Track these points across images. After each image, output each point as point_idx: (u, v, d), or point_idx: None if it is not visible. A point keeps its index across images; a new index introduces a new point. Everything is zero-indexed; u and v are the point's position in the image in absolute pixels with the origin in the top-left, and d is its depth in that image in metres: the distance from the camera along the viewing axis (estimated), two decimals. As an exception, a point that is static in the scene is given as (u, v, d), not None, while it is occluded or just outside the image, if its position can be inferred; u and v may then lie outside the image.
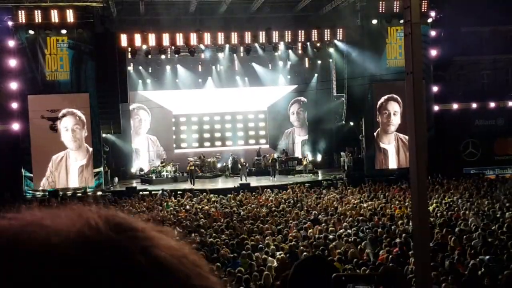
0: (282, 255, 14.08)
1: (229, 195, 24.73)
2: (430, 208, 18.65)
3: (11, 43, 27.50)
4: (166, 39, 28.74)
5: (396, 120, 29.98)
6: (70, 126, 27.86)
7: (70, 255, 0.77)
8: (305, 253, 14.01)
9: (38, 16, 27.24)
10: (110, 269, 0.77)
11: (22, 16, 27.19)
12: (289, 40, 30.33)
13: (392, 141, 30.09)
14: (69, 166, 27.85)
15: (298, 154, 35.42)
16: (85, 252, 0.78)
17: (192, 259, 0.86)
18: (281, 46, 31.45)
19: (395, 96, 29.54)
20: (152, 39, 28.62)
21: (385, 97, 30.00)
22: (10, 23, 27.40)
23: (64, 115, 27.76)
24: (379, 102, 30.17)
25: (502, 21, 32.95)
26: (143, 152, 34.66)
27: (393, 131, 30.02)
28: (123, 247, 0.80)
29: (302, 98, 36.07)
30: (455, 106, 31.86)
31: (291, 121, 36.65)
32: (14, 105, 27.62)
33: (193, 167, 30.32)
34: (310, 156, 34.03)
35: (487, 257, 12.73)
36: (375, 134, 30.15)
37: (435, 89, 30.51)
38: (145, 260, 0.79)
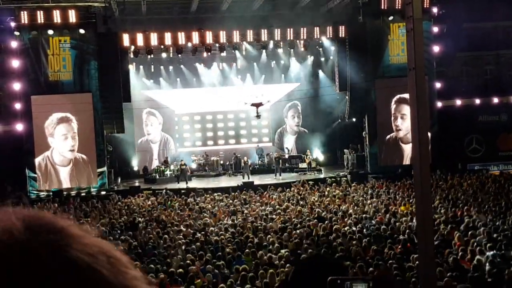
0: (287, 253, 14.08)
1: (233, 194, 24.73)
2: (434, 204, 18.63)
3: (14, 44, 27.53)
4: (168, 38, 28.74)
5: (405, 124, 29.44)
6: (70, 134, 27.90)
7: None
8: (310, 250, 14.03)
9: (40, 17, 27.28)
10: (17, 272, 0.78)
11: (24, 17, 27.21)
12: (291, 38, 30.29)
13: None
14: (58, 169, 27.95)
15: (292, 151, 35.42)
16: None
17: (109, 255, 0.86)
18: (283, 43, 31.44)
19: (403, 96, 28.95)
20: (154, 38, 28.63)
21: (395, 98, 29.79)
22: (12, 24, 27.43)
23: (60, 121, 27.79)
24: (392, 107, 30.01)
25: (504, 16, 32.85)
26: (150, 151, 34.72)
27: (403, 135, 29.66)
28: (33, 249, 0.80)
29: (295, 102, 36.01)
30: (458, 102, 31.78)
31: (287, 124, 36.53)
32: (18, 106, 27.67)
33: (184, 166, 30.31)
34: (312, 154, 33.92)
35: (492, 252, 12.71)
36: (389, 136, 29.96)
37: (438, 85, 30.43)
38: (54, 262, 0.80)
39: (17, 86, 27.55)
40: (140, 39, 28.54)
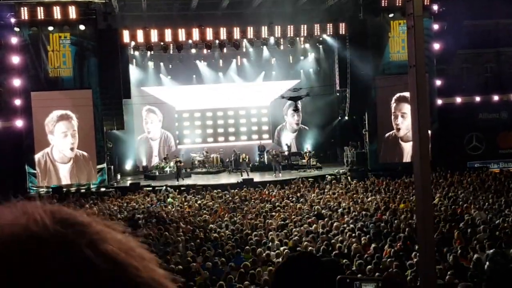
0: (286, 250, 14.08)
1: (233, 191, 24.72)
2: (434, 202, 18.61)
3: (14, 40, 27.49)
4: (168, 35, 28.70)
5: (405, 123, 29.37)
6: (70, 132, 27.89)
7: (16, 250, 0.76)
8: (310, 248, 14.03)
9: (40, 13, 27.24)
10: (58, 263, 0.76)
11: (24, 13, 27.18)
12: (292, 35, 30.25)
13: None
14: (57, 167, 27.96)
15: (292, 147, 35.36)
16: (31, 246, 0.77)
17: (139, 252, 0.86)
18: (284, 40, 31.40)
19: (403, 95, 28.96)
20: (154, 35, 28.59)
21: (395, 97, 29.77)
22: (12, 20, 27.39)
23: (60, 119, 27.78)
24: (392, 105, 29.99)
25: (505, 14, 32.80)
26: (149, 148, 34.71)
27: (403, 134, 29.66)
28: (70, 241, 0.79)
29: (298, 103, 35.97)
30: (458, 99, 31.75)
31: (287, 122, 36.46)
32: (18, 102, 27.64)
33: (179, 164, 30.22)
34: (312, 151, 33.84)
35: (492, 250, 12.70)
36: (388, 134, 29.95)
37: (438, 82, 30.41)
38: (93, 254, 0.79)
39: (17, 82, 27.51)
40: (140, 35, 28.52)
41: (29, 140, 27.60)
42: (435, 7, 29.94)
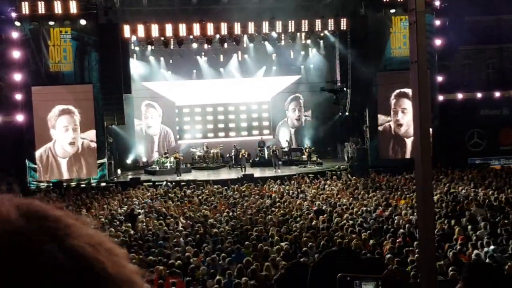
0: (286, 245, 14.07)
1: (233, 186, 24.70)
2: (435, 198, 18.58)
3: (15, 35, 27.44)
4: (169, 29, 28.64)
5: (406, 119, 29.35)
6: (72, 127, 27.87)
7: None
8: (310, 243, 14.01)
9: (41, 7, 27.20)
10: (18, 258, 0.75)
11: (25, 8, 27.14)
12: (293, 30, 30.18)
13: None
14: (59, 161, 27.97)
15: (293, 143, 35.38)
16: None
17: (108, 247, 0.84)
18: (285, 36, 31.33)
19: (403, 91, 28.98)
20: (155, 30, 28.53)
21: (395, 93, 29.72)
22: (13, 14, 27.34)
23: (62, 113, 27.77)
24: (391, 101, 29.94)
25: (507, 10, 32.72)
26: (149, 143, 34.71)
27: (404, 131, 29.66)
28: (33, 235, 0.77)
29: (298, 95, 35.91)
30: (460, 95, 31.69)
31: (288, 117, 36.45)
32: (18, 97, 27.62)
33: (178, 159, 30.18)
34: (313, 146, 33.79)
35: (492, 247, 12.69)
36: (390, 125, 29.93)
37: (439, 78, 30.33)
38: (57, 249, 0.77)
39: (17, 77, 27.48)
40: (141, 30, 28.45)
41: (30, 135, 27.59)
42: (437, 3, 29.86)
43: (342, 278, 2.22)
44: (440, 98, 30.41)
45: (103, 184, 27.50)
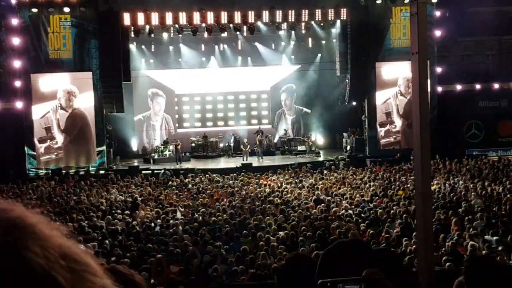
0: (283, 234, 14.15)
1: (231, 175, 24.76)
2: (432, 189, 18.65)
3: (14, 21, 27.37)
4: (169, 18, 28.59)
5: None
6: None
7: None
8: (308, 233, 14.10)
9: (41, -6, 27.13)
10: None
11: (25, -6, 27.07)
12: (293, 20, 30.13)
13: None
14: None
15: (289, 132, 35.47)
16: None
17: (75, 260, 0.81)
18: (285, 25, 31.30)
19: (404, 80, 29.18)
20: (155, 18, 28.49)
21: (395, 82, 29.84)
22: (13, 1, 27.25)
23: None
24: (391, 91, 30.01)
25: (507, 1, 32.66)
26: (150, 130, 34.74)
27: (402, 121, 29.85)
28: None
29: (290, 85, 35.90)
30: (458, 87, 31.69)
31: (282, 107, 36.55)
32: (18, 84, 27.59)
33: (179, 147, 30.25)
34: (312, 136, 33.89)
35: (488, 237, 12.78)
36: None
37: (438, 69, 30.33)
38: (5, 263, 0.75)
39: (17, 63, 27.45)
40: (141, 18, 28.40)
41: (29, 122, 27.59)
42: (438, -6, 29.80)
43: (322, 284, 2.25)
44: (439, 89, 30.44)
45: (102, 171, 27.55)
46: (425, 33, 6.76)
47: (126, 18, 28.25)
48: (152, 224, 16.23)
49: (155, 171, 26.82)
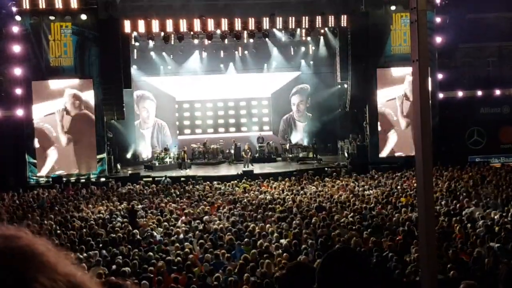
0: (286, 242, 14.07)
1: (232, 182, 24.70)
2: (434, 196, 18.57)
3: (15, 29, 27.39)
4: (169, 25, 28.60)
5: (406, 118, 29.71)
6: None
7: None
8: (310, 241, 14.01)
9: (42, 2, 27.16)
10: None
11: (26, 2, 27.10)
12: (293, 26, 30.13)
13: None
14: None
15: (298, 139, 35.33)
16: None
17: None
18: (285, 32, 31.31)
19: (404, 87, 29.19)
20: (155, 25, 28.49)
21: (397, 90, 29.82)
22: (14, 9, 27.29)
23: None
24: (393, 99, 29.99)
25: (507, 7, 32.68)
26: (148, 138, 34.63)
27: (404, 128, 29.83)
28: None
29: (305, 86, 35.90)
30: (460, 93, 31.67)
31: (292, 111, 36.50)
32: (18, 91, 27.59)
33: (183, 153, 30.32)
34: (312, 142, 33.81)
35: (497, 245, 12.68)
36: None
37: (440, 76, 30.31)
38: None
39: (18, 71, 27.46)
40: (141, 25, 28.41)
41: (30, 130, 27.57)
42: (438, 0, 29.82)
43: None
44: (440, 95, 30.42)
45: (102, 179, 27.50)
46: (425, 41, 6.71)
47: (127, 26, 28.26)
48: (153, 233, 16.16)
49: (156, 179, 26.74)
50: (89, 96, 28.04)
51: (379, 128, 29.98)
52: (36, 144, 27.53)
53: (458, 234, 14.02)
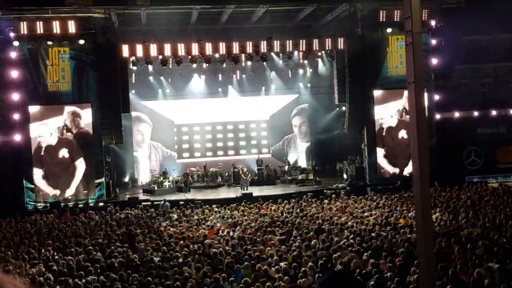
0: (285, 265, 14.02)
1: (232, 205, 24.66)
2: (433, 217, 18.56)
3: (13, 54, 27.53)
4: (167, 49, 28.75)
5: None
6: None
7: None
8: (310, 263, 13.97)
9: (40, 27, 27.30)
10: None
11: (24, 27, 27.22)
12: (290, 49, 30.32)
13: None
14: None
15: (302, 162, 35.40)
16: None
17: None
18: (283, 55, 31.53)
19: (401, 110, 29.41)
20: (153, 49, 28.64)
21: (394, 112, 29.99)
22: (12, 34, 27.44)
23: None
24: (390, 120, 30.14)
25: (503, 29, 32.97)
26: (144, 161, 34.58)
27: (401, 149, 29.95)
28: None
29: (305, 106, 36.08)
30: (456, 114, 31.82)
31: (294, 132, 36.67)
32: (16, 116, 27.64)
33: (187, 176, 30.43)
34: (311, 165, 33.89)
35: (496, 265, 12.65)
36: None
37: (436, 97, 30.49)
38: None
39: (16, 96, 27.54)
40: (139, 50, 28.55)
41: (27, 155, 27.56)
42: (433, 23, 30.08)
43: None
44: (437, 116, 30.56)
45: (101, 204, 27.42)
46: (420, 63, 6.80)
47: (125, 50, 28.39)
48: (153, 257, 16.08)
49: (155, 203, 26.69)
50: (87, 121, 28.08)
51: (383, 146, 30.01)
52: (35, 169, 27.47)
53: (457, 255, 13.99)
